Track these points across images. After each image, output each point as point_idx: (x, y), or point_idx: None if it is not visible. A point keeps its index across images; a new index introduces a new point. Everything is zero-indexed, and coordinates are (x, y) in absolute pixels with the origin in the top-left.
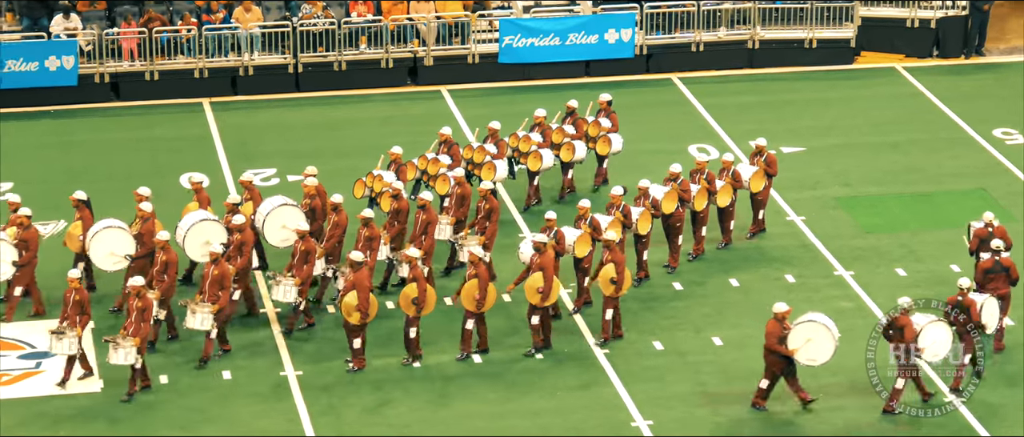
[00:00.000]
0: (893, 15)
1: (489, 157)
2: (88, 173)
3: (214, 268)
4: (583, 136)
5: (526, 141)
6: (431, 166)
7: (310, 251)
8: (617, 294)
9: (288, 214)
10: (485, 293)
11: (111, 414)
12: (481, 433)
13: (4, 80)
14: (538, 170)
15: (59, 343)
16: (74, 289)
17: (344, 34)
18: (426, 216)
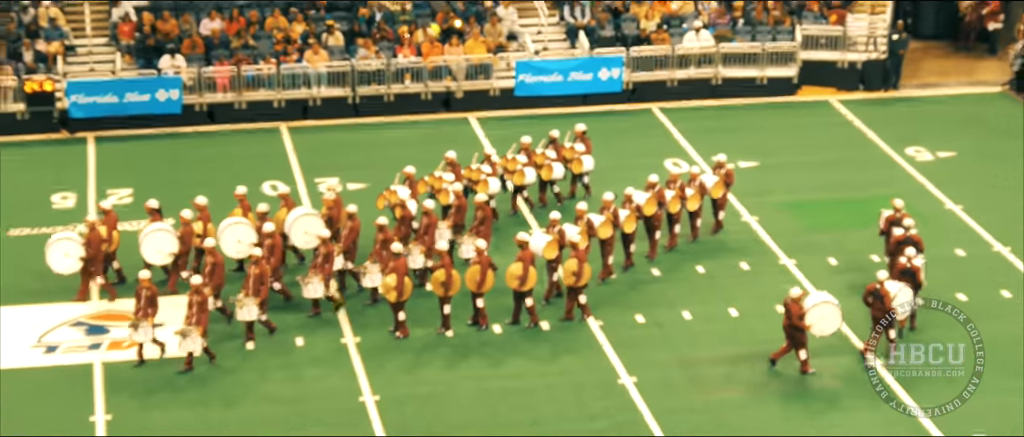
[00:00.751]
0: (827, 58)
1: (484, 175)
2: (189, 182)
3: (255, 268)
4: (561, 158)
5: (513, 162)
6: (436, 182)
7: (330, 253)
8: (578, 284)
9: (310, 222)
10: (485, 277)
11: (204, 375)
12: (497, 389)
13: (124, 109)
14: (523, 185)
15: (136, 332)
16: (145, 286)
17: (392, 72)
18: (428, 220)
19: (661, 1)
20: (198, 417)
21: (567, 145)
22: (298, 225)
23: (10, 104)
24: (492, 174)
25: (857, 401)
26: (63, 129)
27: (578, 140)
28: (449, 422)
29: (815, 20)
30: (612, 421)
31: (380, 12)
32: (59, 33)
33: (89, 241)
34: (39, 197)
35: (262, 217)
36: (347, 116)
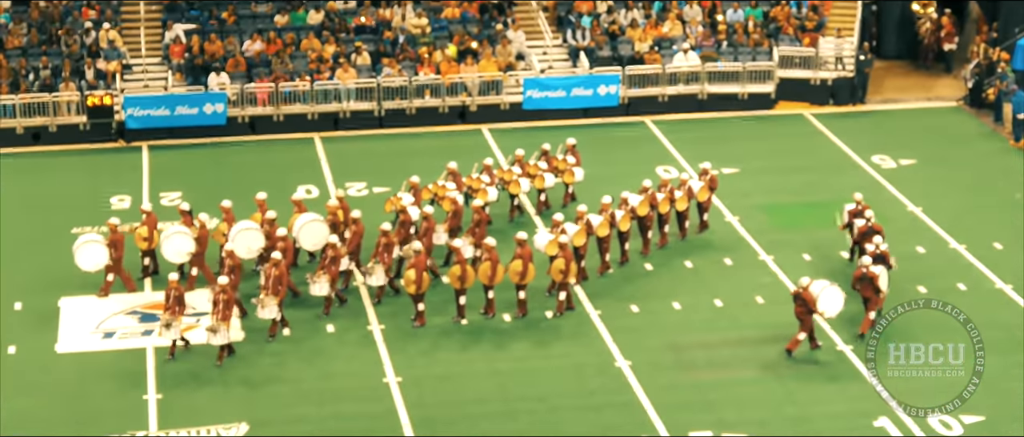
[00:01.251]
0: (801, 76)
1: (483, 184)
2: (233, 186)
3: (274, 269)
4: (553, 170)
5: (509, 173)
6: (439, 190)
7: (337, 255)
8: (566, 280)
9: (317, 227)
10: (495, 271)
11: (243, 359)
12: (507, 371)
13: (174, 121)
14: (517, 194)
15: (168, 331)
16: (173, 287)
17: (414, 88)
18: (427, 224)
19: (653, 25)
20: (239, 395)
21: (559, 157)
22: (306, 229)
23: (73, 116)
24: (490, 183)
25: (832, 381)
26: (120, 139)
27: (569, 153)
28: (463, 398)
29: (790, 42)
30: (609, 398)
31: (403, 35)
32: (117, 53)
33: (112, 242)
34: (99, 199)
35: (271, 223)
36: (373, 127)
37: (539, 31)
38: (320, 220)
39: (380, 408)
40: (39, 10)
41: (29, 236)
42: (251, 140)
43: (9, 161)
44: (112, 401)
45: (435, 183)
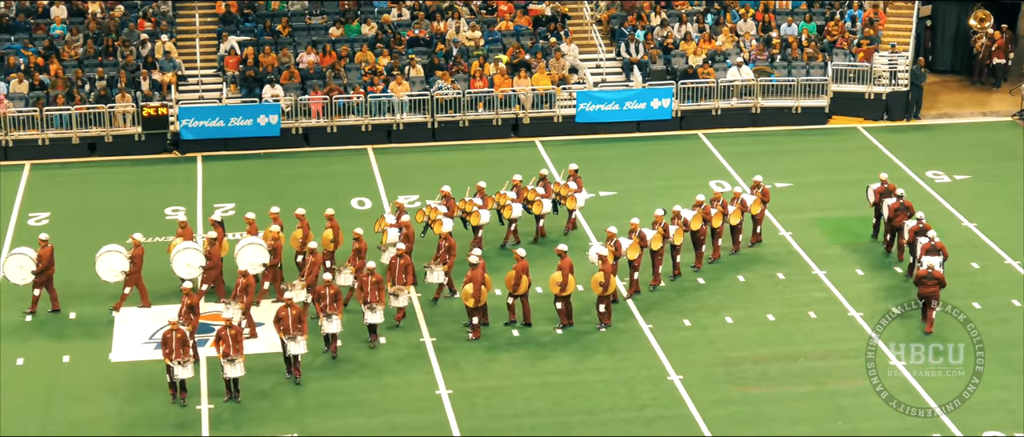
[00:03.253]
0: (855, 90)
1: (476, 207)
2: (286, 198)
3: (329, 288)
4: (551, 194)
5: (503, 197)
6: (432, 213)
7: (316, 263)
8: (606, 293)
9: (254, 250)
10: (480, 291)
11: (311, 365)
12: (558, 384)
13: (229, 132)
14: (511, 218)
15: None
16: (186, 293)
17: (467, 101)
18: (447, 243)
19: (707, 39)
20: (290, 405)
21: (561, 182)
22: (244, 252)
23: (129, 127)
24: (484, 206)
25: (880, 401)
26: (175, 150)
27: (572, 178)
28: (514, 410)
29: (845, 56)
30: (660, 412)
31: (456, 48)
32: (173, 65)
33: (132, 257)
34: (154, 209)
35: (276, 237)
36: (426, 140)
37: (593, 44)
38: (257, 243)
39: (431, 420)
40: (95, 21)
41: (84, 246)
42: (304, 152)
43: (65, 171)
44: (165, 410)
45: (429, 205)
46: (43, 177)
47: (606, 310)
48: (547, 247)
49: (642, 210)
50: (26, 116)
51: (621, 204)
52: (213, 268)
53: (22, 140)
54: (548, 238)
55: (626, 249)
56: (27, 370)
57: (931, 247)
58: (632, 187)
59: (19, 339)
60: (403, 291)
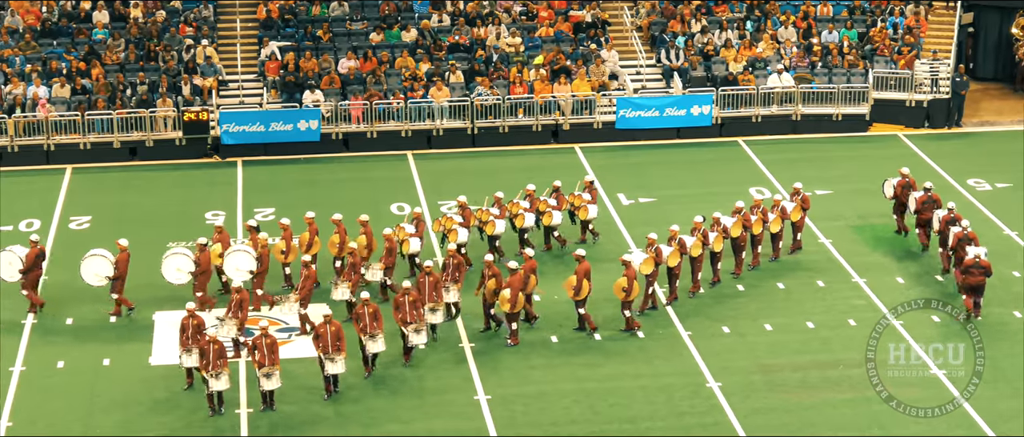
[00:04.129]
0: (896, 97)
1: (492, 217)
2: (325, 203)
3: (367, 307)
4: (564, 206)
5: (516, 206)
6: (448, 222)
7: (356, 263)
8: (628, 299)
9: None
10: (581, 285)
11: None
12: (597, 391)
13: (269, 137)
14: (524, 227)
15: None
16: (235, 290)
17: (507, 107)
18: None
19: (747, 46)
20: (329, 410)
21: (575, 193)
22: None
23: (170, 132)
24: (499, 216)
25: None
26: (215, 154)
27: (586, 189)
28: (553, 417)
29: (886, 64)
30: (699, 419)
31: (496, 54)
32: (214, 70)
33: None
34: (194, 213)
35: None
36: (466, 146)
37: (633, 51)
38: (244, 250)
39: (470, 425)
40: (137, 26)
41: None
42: (344, 157)
43: (106, 175)
44: (204, 413)
45: (445, 215)
46: (84, 181)
47: (631, 315)
48: (558, 254)
49: (682, 217)
50: (68, 120)
51: (661, 211)
52: (203, 273)
53: (64, 144)
54: (552, 251)
55: (666, 256)
56: (68, 373)
57: (964, 235)
58: (672, 194)
59: (60, 342)
60: (438, 308)
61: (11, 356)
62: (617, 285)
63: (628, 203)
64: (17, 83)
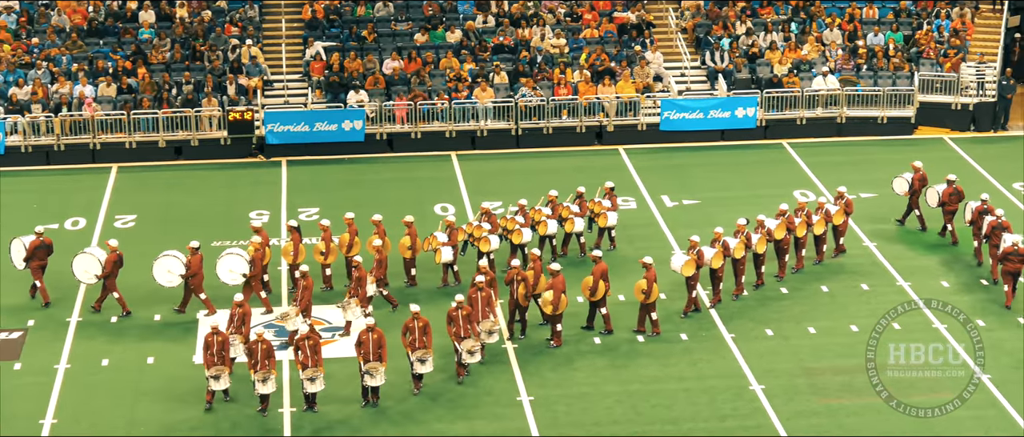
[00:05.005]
0: (942, 100)
1: (518, 226)
2: (369, 203)
3: (417, 321)
4: (585, 212)
5: (539, 213)
6: (476, 230)
7: (362, 277)
8: (647, 301)
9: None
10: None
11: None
12: (640, 392)
13: (313, 137)
14: (547, 234)
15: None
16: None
17: (551, 108)
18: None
19: (792, 48)
20: (372, 410)
21: (596, 200)
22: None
23: (215, 131)
24: (524, 224)
25: (967, 408)
26: (260, 154)
27: (606, 196)
28: (595, 419)
29: (932, 67)
30: (742, 422)
31: (541, 55)
32: (259, 69)
33: (253, 260)
34: (239, 213)
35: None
36: (510, 147)
37: (677, 53)
38: (237, 253)
39: (512, 426)
40: (183, 26)
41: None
42: (389, 157)
43: (151, 174)
44: (247, 412)
45: (470, 223)
46: (130, 180)
47: (655, 318)
48: (575, 260)
49: (725, 219)
50: (114, 119)
51: (704, 213)
52: (194, 276)
53: (110, 143)
54: (567, 257)
55: (709, 258)
56: (112, 371)
57: (998, 224)
58: (716, 196)
59: (104, 340)
60: (495, 329)
61: (56, 354)
62: (637, 286)
63: (672, 205)
64: (64, 82)
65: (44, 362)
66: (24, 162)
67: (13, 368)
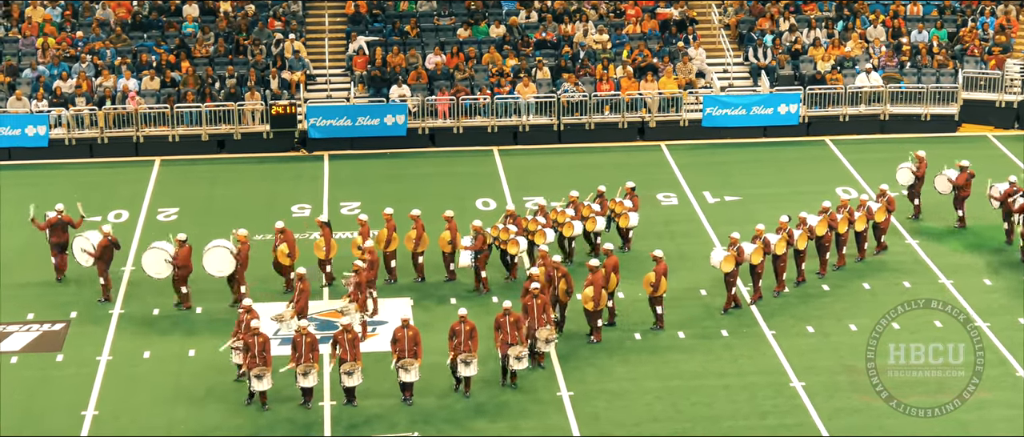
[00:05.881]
0: (986, 98)
1: (540, 226)
2: (411, 198)
3: (465, 325)
4: (606, 212)
5: (562, 214)
6: (502, 234)
7: (361, 282)
8: (655, 294)
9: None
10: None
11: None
12: (680, 389)
13: (356, 131)
14: (572, 235)
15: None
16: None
17: (593, 104)
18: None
19: (836, 45)
20: (411, 406)
21: (617, 200)
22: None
23: (257, 125)
24: (547, 225)
25: (1009, 407)
26: (302, 148)
27: (628, 196)
28: (635, 416)
29: (976, 64)
30: (782, 419)
31: (583, 50)
32: (302, 64)
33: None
34: (281, 206)
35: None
36: (552, 142)
37: (720, 49)
38: (224, 246)
39: (552, 423)
40: (227, 20)
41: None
42: (431, 152)
43: (194, 167)
44: (288, 406)
45: (495, 226)
46: (172, 173)
47: (660, 312)
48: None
49: (767, 216)
50: (157, 113)
51: (746, 209)
52: (183, 268)
53: (153, 136)
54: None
55: (750, 254)
56: (154, 363)
57: None
58: (757, 192)
59: (146, 333)
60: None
61: (98, 346)
62: (646, 279)
63: (714, 201)
64: (108, 75)
65: (86, 354)
66: (68, 155)
67: (56, 359)
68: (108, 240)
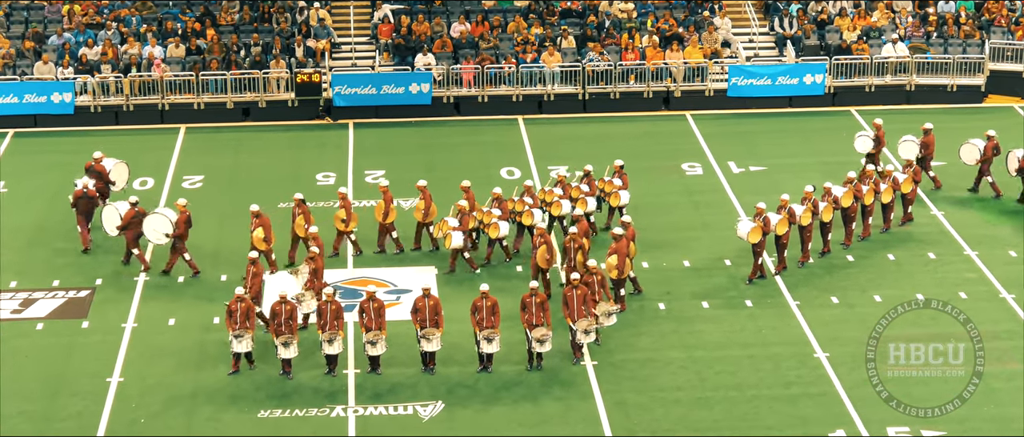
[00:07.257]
0: (1013, 69)
1: (527, 207)
2: (436, 166)
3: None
4: (596, 192)
5: (551, 194)
6: (486, 217)
7: (319, 268)
8: (621, 276)
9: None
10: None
11: (445, 342)
12: (704, 359)
13: (380, 100)
14: (561, 215)
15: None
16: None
17: (618, 73)
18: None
19: (862, 15)
20: (436, 376)
21: (606, 179)
22: (149, 221)
23: (282, 93)
24: (534, 205)
25: None
26: (327, 116)
27: (616, 175)
28: (659, 384)
29: (1003, 35)
30: (806, 389)
31: (609, 19)
32: (326, 32)
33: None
34: (305, 175)
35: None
36: (577, 111)
37: (746, 18)
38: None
39: (575, 392)
40: None
41: (235, 210)
42: (455, 121)
43: (219, 135)
44: (311, 374)
45: (479, 209)
46: (198, 141)
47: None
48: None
49: (792, 186)
50: (182, 80)
51: (771, 180)
52: (127, 229)
53: (178, 104)
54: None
55: (775, 224)
56: (178, 330)
57: None
58: (782, 163)
59: (171, 300)
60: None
61: (123, 313)
62: (608, 265)
63: (738, 171)
64: (133, 43)
65: (111, 321)
66: (94, 122)
67: (81, 326)
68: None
